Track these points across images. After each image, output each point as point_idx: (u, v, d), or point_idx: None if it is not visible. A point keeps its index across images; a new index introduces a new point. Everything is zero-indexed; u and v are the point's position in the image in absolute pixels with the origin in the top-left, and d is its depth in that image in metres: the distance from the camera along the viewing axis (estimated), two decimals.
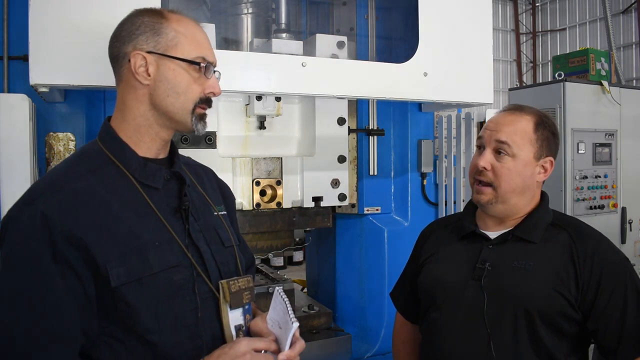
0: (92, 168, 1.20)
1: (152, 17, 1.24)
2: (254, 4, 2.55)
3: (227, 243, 1.36)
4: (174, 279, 1.19)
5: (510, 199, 1.52)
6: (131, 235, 1.16)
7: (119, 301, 1.13)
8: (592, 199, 4.37)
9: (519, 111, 1.56)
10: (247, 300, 1.31)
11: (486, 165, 1.51)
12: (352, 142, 2.71)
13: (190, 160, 1.49)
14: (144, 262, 1.16)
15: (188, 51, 1.24)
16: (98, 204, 1.15)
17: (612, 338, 1.42)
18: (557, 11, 17.33)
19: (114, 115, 1.29)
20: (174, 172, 1.29)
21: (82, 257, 1.10)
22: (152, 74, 1.22)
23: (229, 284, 1.27)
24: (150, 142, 1.27)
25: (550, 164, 1.56)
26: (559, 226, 1.53)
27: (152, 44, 1.22)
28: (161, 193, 1.25)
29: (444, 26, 2.29)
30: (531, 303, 1.42)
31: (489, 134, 1.53)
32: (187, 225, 1.26)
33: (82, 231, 1.10)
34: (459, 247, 1.60)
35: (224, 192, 1.52)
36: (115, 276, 1.12)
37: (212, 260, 1.29)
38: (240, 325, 1.29)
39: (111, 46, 1.27)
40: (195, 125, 1.28)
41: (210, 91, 1.28)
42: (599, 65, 4.70)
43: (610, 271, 1.43)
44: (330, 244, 3.02)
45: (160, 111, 1.25)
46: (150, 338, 1.16)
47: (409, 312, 1.79)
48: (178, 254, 1.22)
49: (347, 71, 2.13)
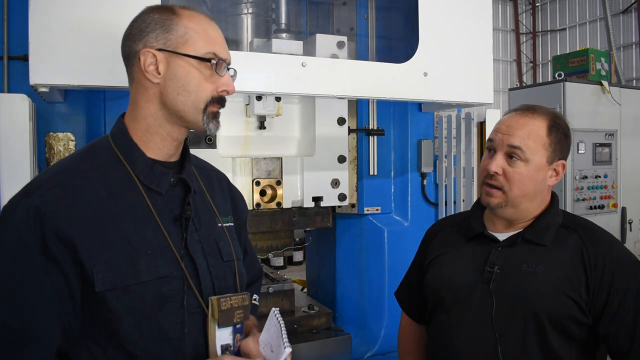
0: (97, 165, 1.18)
1: (162, 13, 1.21)
2: (254, 4, 2.55)
3: (227, 257, 1.30)
4: (162, 290, 1.15)
5: (520, 204, 1.49)
6: (124, 240, 1.13)
7: (102, 306, 1.10)
8: (592, 199, 4.37)
9: (532, 112, 1.49)
10: (238, 319, 1.24)
11: (497, 170, 1.46)
12: (352, 142, 2.71)
13: (206, 165, 1.44)
14: (132, 269, 1.12)
15: (199, 47, 1.20)
16: (95, 204, 1.13)
17: (623, 342, 1.39)
18: (557, 11, 17.33)
19: (127, 114, 1.26)
20: (181, 178, 1.26)
21: (70, 256, 1.08)
22: (162, 72, 1.19)
23: (219, 301, 1.20)
24: (160, 142, 1.23)
25: (562, 167, 1.52)
26: (570, 228, 1.50)
27: (162, 41, 1.19)
28: (164, 198, 1.22)
29: (444, 26, 2.29)
30: (541, 307, 1.40)
31: (501, 137, 1.47)
32: (185, 235, 1.22)
33: (73, 230, 1.08)
34: (467, 249, 1.57)
35: (235, 201, 1.46)
36: (100, 281, 1.09)
37: (207, 273, 1.23)
38: (227, 345, 1.22)
39: (123, 45, 1.24)
40: (207, 125, 1.23)
41: (223, 89, 1.24)
42: (599, 65, 4.71)
43: (622, 274, 1.41)
44: (330, 244, 3.02)
45: (171, 110, 1.21)
46: (131, 348, 1.12)
47: (415, 312, 1.77)
48: (170, 264, 1.17)
49: (347, 71, 2.13)
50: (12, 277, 1.07)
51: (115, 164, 1.20)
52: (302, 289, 3.87)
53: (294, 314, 2.60)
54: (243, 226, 1.49)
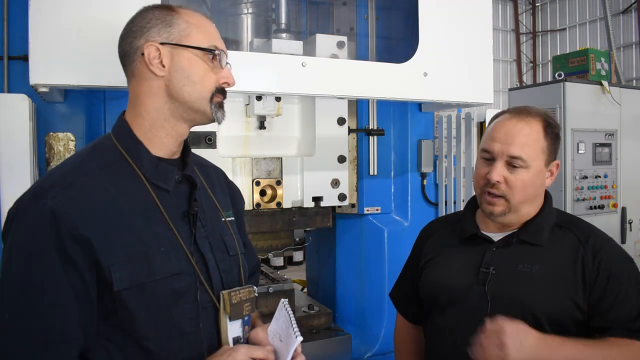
0: (104, 164, 1.18)
1: (162, 10, 1.24)
2: (254, 4, 2.55)
3: (232, 251, 1.34)
4: (176, 287, 1.17)
5: (522, 209, 1.49)
6: (138, 239, 1.14)
7: (119, 305, 1.11)
8: (592, 199, 4.37)
9: (526, 115, 1.48)
10: (247, 312, 1.28)
11: (499, 178, 1.45)
12: (352, 142, 2.71)
13: (204, 161, 1.46)
14: (147, 267, 1.14)
15: (201, 40, 1.23)
16: (107, 204, 1.13)
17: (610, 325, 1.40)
18: (557, 11, 17.33)
19: (128, 111, 1.26)
20: (186, 175, 1.27)
21: (87, 257, 1.08)
22: (167, 65, 1.21)
23: (230, 295, 1.24)
24: (165, 137, 1.24)
25: (556, 167, 1.53)
26: (564, 227, 1.51)
27: (164, 35, 1.21)
28: (171, 195, 1.23)
29: (444, 26, 2.29)
30: (539, 308, 1.40)
31: (500, 147, 1.46)
32: (194, 231, 1.24)
33: (89, 231, 1.08)
34: (462, 250, 1.57)
35: (233, 196, 1.49)
36: (118, 280, 1.10)
37: (215, 268, 1.26)
38: (238, 337, 1.26)
39: (122, 43, 1.25)
40: (215, 114, 1.26)
41: (224, 81, 1.27)
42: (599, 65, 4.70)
43: (618, 273, 1.42)
44: (330, 244, 3.02)
45: (178, 102, 1.23)
46: (147, 344, 1.14)
47: (410, 313, 1.77)
48: (182, 261, 1.20)
49: (347, 71, 2.13)
50: (30, 281, 1.07)
51: (121, 162, 1.20)
52: (302, 289, 3.87)
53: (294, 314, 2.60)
54: (241, 220, 1.52)
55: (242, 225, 1.51)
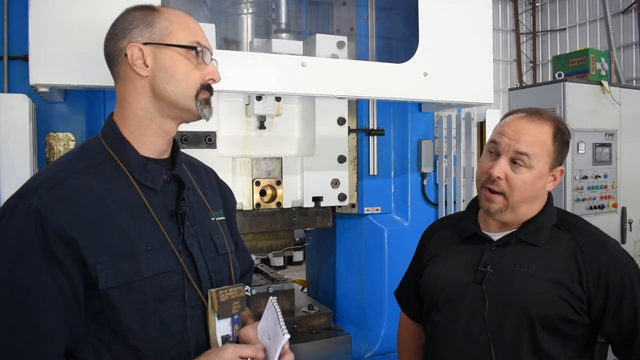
0: (92, 164, 1.19)
1: (143, 11, 1.25)
2: (254, 4, 2.55)
3: (222, 250, 1.34)
4: (164, 285, 1.18)
5: (520, 208, 1.49)
6: (124, 238, 1.15)
7: (106, 303, 1.12)
8: (592, 199, 4.37)
9: (538, 117, 1.47)
10: (236, 310, 1.28)
11: (501, 174, 1.45)
12: (352, 142, 2.71)
13: (194, 161, 1.47)
14: (134, 266, 1.14)
15: (183, 38, 1.24)
16: (94, 203, 1.14)
17: (626, 337, 1.41)
18: (557, 11, 17.33)
19: (115, 112, 1.27)
20: (174, 175, 1.28)
21: (73, 256, 1.09)
22: (150, 65, 1.22)
23: (218, 294, 1.24)
24: (153, 137, 1.25)
25: (560, 173, 1.52)
26: (563, 228, 1.50)
27: (147, 35, 1.22)
28: (159, 195, 1.24)
29: (444, 26, 2.29)
30: (533, 307, 1.41)
31: (508, 142, 1.45)
32: (182, 230, 1.25)
33: (75, 230, 1.09)
34: (461, 249, 1.58)
35: (224, 195, 1.50)
36: (104, 278, 1.11)
37: (204, 267, 1.27)
38: (227, 336, 1.26)
39: (106, 46, 1.27)
40: (200, 111, 1.26)
41: (209, 77, 1.27)
42: (599, 65, 4.70)
43: (618, 271, 1.41)
44: (330, 244, 3.02)
45: (163, 101, 1.24)
46: (135, 343, 1.14)
47: (413, 311, 1.79)
48: (170, 259, 1.20)
49: (347, 71, 2.13)
50: (16, 280, 1.07)
51: (109, 163, 1.21)
52: (302, 289, 3.87)
53: (294, 314, 2.60)
54: (233, 219, 1.52)
55: (233, 225, 1.51)
